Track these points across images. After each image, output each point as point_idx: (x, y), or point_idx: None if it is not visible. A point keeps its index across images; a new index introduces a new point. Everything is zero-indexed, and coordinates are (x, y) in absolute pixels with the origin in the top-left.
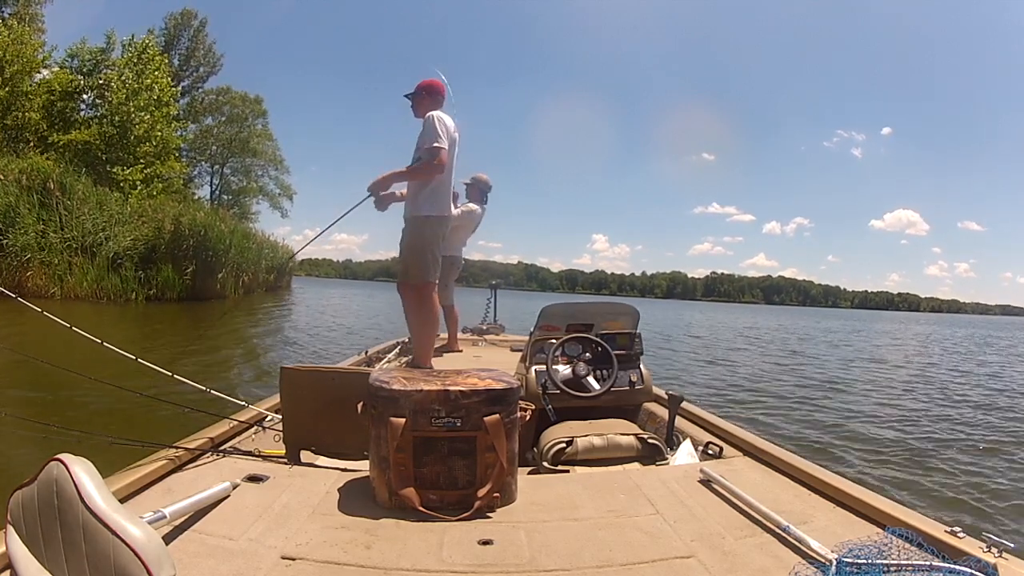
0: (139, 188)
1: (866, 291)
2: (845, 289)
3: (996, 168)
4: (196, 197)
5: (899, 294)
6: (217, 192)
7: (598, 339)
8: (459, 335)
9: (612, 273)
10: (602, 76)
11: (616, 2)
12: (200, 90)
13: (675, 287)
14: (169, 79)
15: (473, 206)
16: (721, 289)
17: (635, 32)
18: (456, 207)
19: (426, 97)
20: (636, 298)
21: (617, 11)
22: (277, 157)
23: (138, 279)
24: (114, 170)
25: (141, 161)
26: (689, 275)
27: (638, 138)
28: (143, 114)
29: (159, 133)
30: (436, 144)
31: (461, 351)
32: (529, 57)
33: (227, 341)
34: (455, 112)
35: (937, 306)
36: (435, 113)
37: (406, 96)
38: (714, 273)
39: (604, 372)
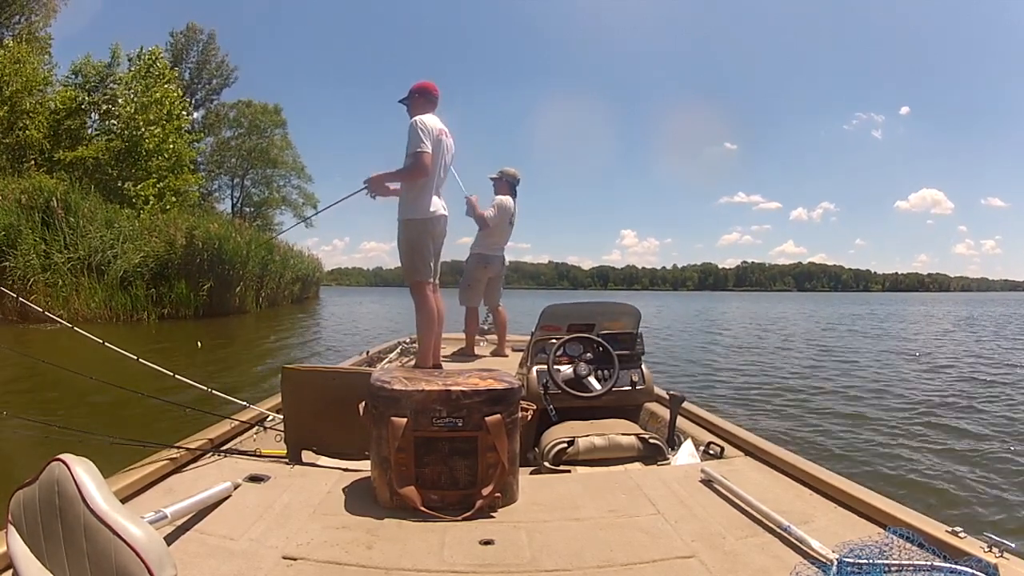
0: (152, 203)
1: (896, 273)
2: (875, 272)
3: (1016, 142)
4: (218, 211)
5: (929, 275)
6: (239, 204)
7: (599, 339)
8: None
9: (643, 268)
10: (615, 73)
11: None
12: (215, 102)
13: (707, 279)
14: (179, 91)
15: (502, 198)
16: (752, 278)
17: (646, 26)
18: (485, 210)
19: (419, 99)
20: (668, 291)
21: (625, 7)
22: (298, 165)
23: (150, 297)
24: (125, 186)
25: (153, 175)
26: (720, 266)
27: (658, 132)
28: (153, 128)
29: (171, 146)
30: (419, 149)
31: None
32: (534, 59)
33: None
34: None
35: (967, 285)
36: (417, 118)
37: (400, 101)
38: (744, 262)
39: (605, 372)
